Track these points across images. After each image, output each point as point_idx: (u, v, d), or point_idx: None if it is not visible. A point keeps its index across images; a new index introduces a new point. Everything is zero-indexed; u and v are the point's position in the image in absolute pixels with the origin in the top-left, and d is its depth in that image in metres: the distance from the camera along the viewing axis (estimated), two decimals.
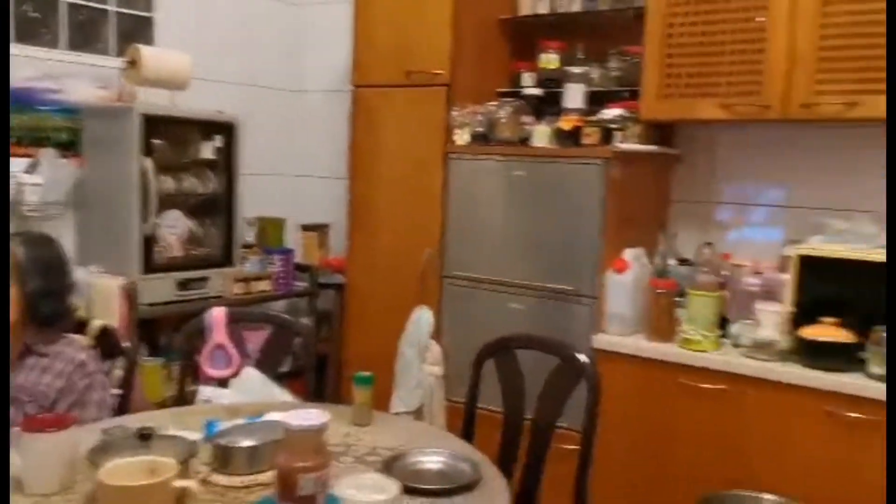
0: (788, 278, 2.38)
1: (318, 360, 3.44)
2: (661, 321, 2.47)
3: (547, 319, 2.67)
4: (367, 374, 1.73)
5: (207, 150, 3.06)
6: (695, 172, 2.91)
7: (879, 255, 2.27)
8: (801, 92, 2.35)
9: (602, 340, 2.55)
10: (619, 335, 2.54)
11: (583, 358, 1.92)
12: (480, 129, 2.80)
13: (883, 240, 2.32)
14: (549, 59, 2.90)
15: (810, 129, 2.62)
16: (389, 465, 1.44)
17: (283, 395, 2.10)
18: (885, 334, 2.16)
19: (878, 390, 2.10)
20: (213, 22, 3.35)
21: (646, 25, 2.60)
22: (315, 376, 3.40)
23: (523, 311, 2.71)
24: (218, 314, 2.22)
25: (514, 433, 1.97)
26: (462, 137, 2.84)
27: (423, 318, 2.77)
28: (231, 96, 3.31)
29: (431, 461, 1.49)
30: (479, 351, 2.09)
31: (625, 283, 2.53)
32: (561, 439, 2.04)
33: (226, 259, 3.11)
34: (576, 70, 2.81)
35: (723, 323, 2.48)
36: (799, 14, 2.34)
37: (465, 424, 2.04)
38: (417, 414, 2.75)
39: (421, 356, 2.75)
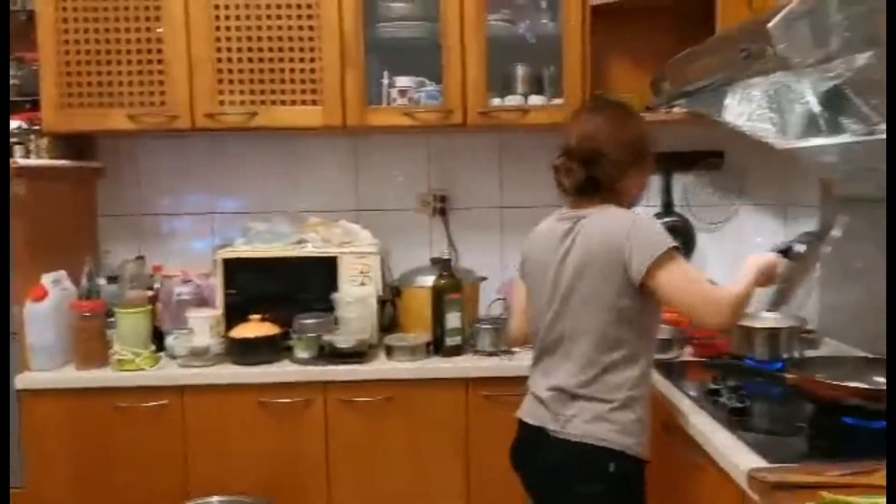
0: (217, 283, 2.46)
1: None
2: (90, 346, 2.30)
3: None
4: None
5: None
6: (122, 185, 2.81)
7: (293, 252, 2.49)
8: (204, 102, 2.43)
9: (27, 379, 2.27)
10: (47, 370, 2.30)
11: None
12: None
13: (296, 237, 2.56)
14: None
15: (222, 138, 2.73)
16: None
17: None
18: (304, 321, 2.38)
19: (304, 373, 2.30)
20: None
21: (38, 31, 2.39)
22: None
23: None
24: None
25: None
26: None
27: None
28: None
29: None
30: None
31: (45, 311, 2.29)
32: None
33: None
34: None
35: (160, 336, 2.44)
36: (193, 28, 2.41)
37: None
38: None
39: None
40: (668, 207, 2.77)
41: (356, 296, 2.42)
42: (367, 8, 2.46)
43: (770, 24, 1.43)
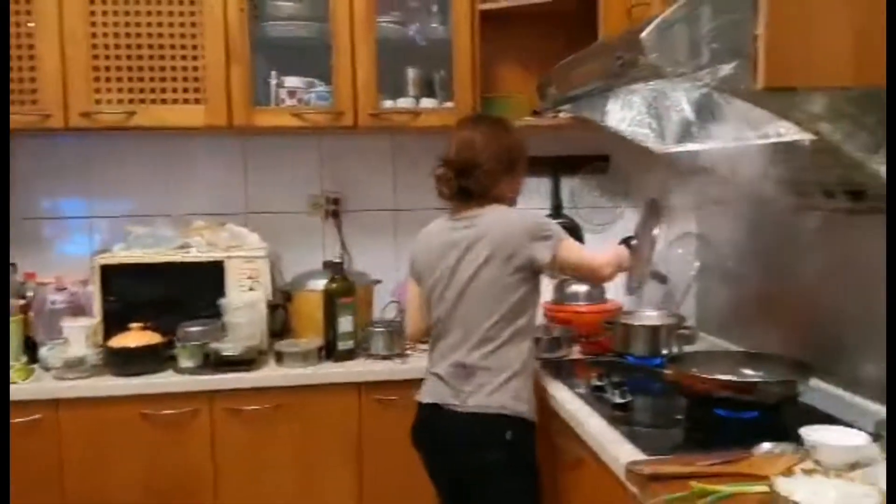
0: (95, 290, 2.34)
1: None
2: None
3: None
4: None
5: None
6: None
7: (177, 256, 2.40)
8: (79, 101, 2.31)
9: None
10: None
11: None
12: None
13: (180, 241, 2.47)
14: None
15: (101, 138, 2.59)
16: None
17: None
18: (189, 329, 2.30)
19: (189, 382, 2.22)
20: None
21: None
22: None
23: None
24: None
25: None
26: None
27: None
28: None
29: None
30: None
31: None
32: None
33: None
34: None
35: (34, 348, 2.30)
36: (66, 22, 2.28)
37: None
38: None
39: None
40: (556, 209, 2.83)
41: (245, 301, 2.36)
42: (253, 5, 2.40)
43: (643, 34, 1.49)
